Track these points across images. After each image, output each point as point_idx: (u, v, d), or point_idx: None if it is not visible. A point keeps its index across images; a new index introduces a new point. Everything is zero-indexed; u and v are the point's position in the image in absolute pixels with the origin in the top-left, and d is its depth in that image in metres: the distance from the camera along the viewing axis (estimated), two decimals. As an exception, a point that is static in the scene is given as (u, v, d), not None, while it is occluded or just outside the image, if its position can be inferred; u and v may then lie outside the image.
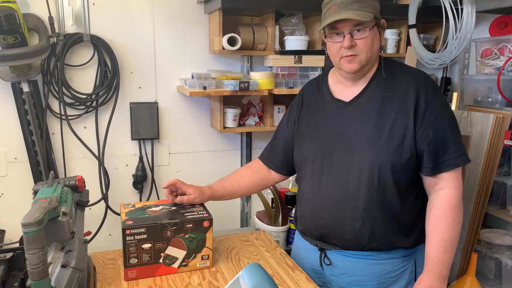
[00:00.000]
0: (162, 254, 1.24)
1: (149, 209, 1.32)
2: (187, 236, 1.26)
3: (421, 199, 1.29)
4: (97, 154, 1.99)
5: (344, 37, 1.18)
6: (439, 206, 1.22)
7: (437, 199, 1.23)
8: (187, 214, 1.29)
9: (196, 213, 1.30)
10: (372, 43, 1.20)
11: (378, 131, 1.21)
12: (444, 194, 1.22)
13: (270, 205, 2.19)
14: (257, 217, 2.19)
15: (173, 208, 1.35)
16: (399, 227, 1.25)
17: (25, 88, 1.78)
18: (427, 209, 1.26)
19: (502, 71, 1.93)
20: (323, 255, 1.34)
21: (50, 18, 1.78)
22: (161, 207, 1.35)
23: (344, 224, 1.26)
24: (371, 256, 1.28)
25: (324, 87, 1.35)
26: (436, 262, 1.21)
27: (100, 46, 1.90)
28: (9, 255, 1.14)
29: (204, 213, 1.30)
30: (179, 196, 1.38)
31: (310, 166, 1.33)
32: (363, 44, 1.19)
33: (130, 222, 1.21)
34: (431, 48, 2.32)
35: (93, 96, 1.94)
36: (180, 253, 1.27)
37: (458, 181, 1.23)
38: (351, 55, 1.20)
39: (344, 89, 1.30)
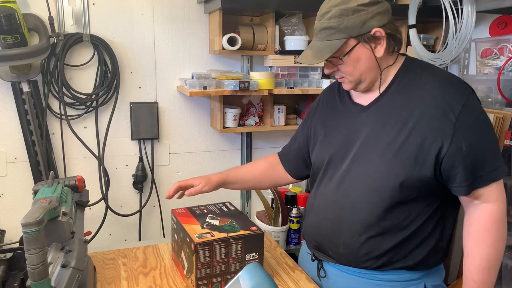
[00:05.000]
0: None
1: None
2: None
3: (438, 217, 1.14)
4: (97, 154, 1.99)
5: None
6: (481, 222, 1.08)
7: (478, 213, 1.09)
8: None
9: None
10: (353, 66, 1.11)
11: (392, 141, 1.09)
12: (486, 209, 1.08)
13: (270, 205, 2.18)
14: (257, 217, 2.19)
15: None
16: (402, 247, 1.13)
17: (25, 88, 1.78)
18: (465, 225, 1.12)
19: (502, 71, 1.92)
20: (319, 265, 1.28)
21: (50, 18, 1.78)
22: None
23: (340, 237, 1.17)
24: (367, 275, 1.17)
25: (345, 90, 1.26)
26: (479, 284, 1.09)
27: (100, 46, 1.90)
28: (9, 255, 1.14)
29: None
30: (187, 190, 1.32)
31: (321, 172, 1.27)
32: (343, 69, 1.13)
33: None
34: (431, 48, 2.32)
35: (93, 96, 1.94)
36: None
37: (502, 194, 1.08)
38: (340, 77, 1.18)
39: (363, 92, 1.21)
